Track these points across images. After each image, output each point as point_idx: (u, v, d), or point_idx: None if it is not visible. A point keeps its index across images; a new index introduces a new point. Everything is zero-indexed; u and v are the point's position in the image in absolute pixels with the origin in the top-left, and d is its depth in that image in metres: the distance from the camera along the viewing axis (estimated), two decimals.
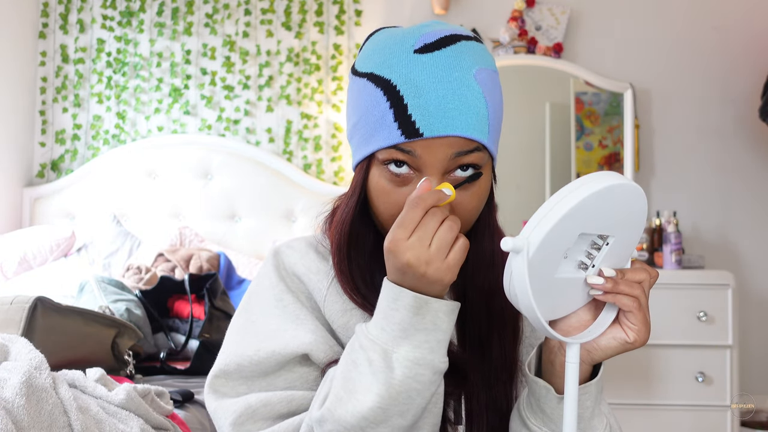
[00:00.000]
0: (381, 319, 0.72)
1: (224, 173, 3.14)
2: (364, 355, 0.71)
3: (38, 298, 1.51)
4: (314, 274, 0.84)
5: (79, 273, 2.59)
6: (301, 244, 0.88)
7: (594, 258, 0.72)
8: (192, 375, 1.88)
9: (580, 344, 0.73)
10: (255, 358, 0.79)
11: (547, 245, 0.66)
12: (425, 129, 0.73)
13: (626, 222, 0.71)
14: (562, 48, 3.11)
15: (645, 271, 0.72)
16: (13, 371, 1.13)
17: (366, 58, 0.80)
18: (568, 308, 0.74)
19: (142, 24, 3.23)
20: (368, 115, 0.77)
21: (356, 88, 0.80)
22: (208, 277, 2.19)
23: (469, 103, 0.74)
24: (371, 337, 0.71)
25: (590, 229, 0.69)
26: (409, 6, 3.20)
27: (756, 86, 3.05)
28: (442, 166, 0.75)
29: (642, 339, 0.72)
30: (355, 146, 0.82)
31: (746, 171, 3.10)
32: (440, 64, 0.75)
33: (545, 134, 3.17)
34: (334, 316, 0.83)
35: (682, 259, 2.79)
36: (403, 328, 0.70)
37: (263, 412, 0.77)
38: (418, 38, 0.77)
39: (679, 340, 2.61)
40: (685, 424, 2.61)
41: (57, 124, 3.27)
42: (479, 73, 0.76)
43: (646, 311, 0.72)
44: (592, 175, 0.69)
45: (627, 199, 0.69)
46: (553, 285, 0.70)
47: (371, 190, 0.80)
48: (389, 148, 0.76)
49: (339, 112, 3.17)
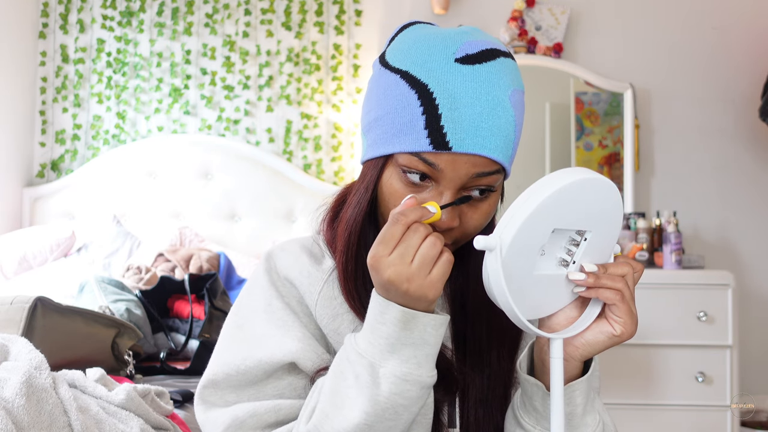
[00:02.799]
0: (369, 333, 0.71)
1: (224, 173, 3.14)
2: (351, 369, 0.71)
3: (38, 298, 1.51)
4: (306, 278, 0.83)
5: (79, 273, 2.58)
6: (295, 247, 0.87)
7: (574, 254, 0.72)
8: (192, 375, 1.88)
9: (567, 340, 0.74)
10: (242, 367, 0.78)
11: (520, 242, 0.67)
12: (455, 143, 0.72)
13: (602, 217, 0.71)
14: (562, 48, 3.11)
15: (628, 265, 0.73)
16: (13, 371, 1.13)
17: (401, 53, 0.78)
18: (554, 306, 0.74)
19: (142, 24, 3.23)
20: (396, 115, 0.75)
21: (385, 82, 0.78)
22: (208, 277, 2.19)
23: (501, 125, 0.74)
24: (359, 350, 0.71)
25: (564, 224, 0.69)
26: (409, 6, 3.20)
27: (756, 86, 3.05)
28: (461, 182, 0.75)
29: (629, 331, 0.72)
30: (371, 140, 0.80)
31: (746, 171, 3.10)
32: (480, 79, 0.73)
33: (545, 134, 3.17)
34: (324, 321, 0.82)
35: (682, 259, 2.79)
36: (390, 343, 0.69)
37: (251, 423, 0.77)
38: (460, 46, 0.75)
39: (679, 340, 2.61)
40: (685, 424, 2.61)
41: (57, 124, 3.27)
42: (513, 94, 0.75)
43: (631, 303, 0.72)
44: (562, 170, 0.69)
45: (598, 194, 0.70)
46: (533, 282, 0.71)
47: (382, 190, 0.79)
48: (412, 156, 0.74)
49: (339, 112, 3.17)
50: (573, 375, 0.75)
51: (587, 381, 0.76)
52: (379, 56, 0.82)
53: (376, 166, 0.79)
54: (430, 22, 0.83)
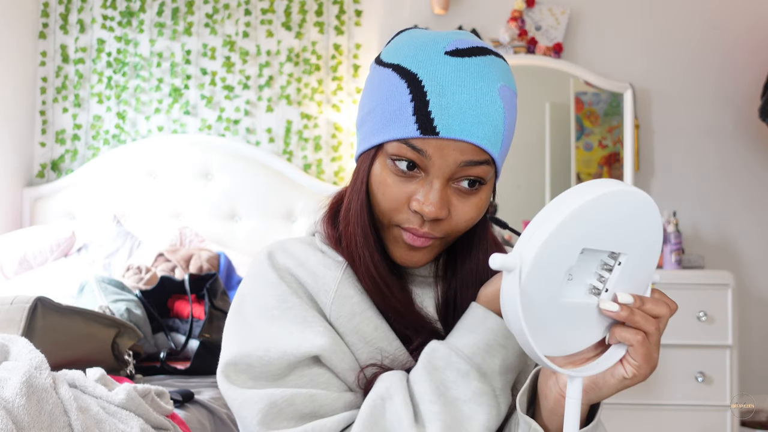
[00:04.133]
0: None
1: (224, 173, 3.14)
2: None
3: (38, 298, 1.51)
4: (320, 277, 0.82)
5: (79, 273, 2.58)
6: (300, 246, 0.86)
7: (606, 281, 0.63)
8: (192, 375, 1.88)
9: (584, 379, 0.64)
10: (265, 358, 0.76)
11: (544, 263, 0.58)
12: (442, 128, 0.73)
13: (638, 237, 0.62)
14: (562, 48, 3.11)
15: (666, 305, 0.65)
16: (14, 371, 1.13)
17: (394, 50, 0.79)
18: (581, 342, 0.64)
19: (143, 24, 3.23)
20: (386, 105, 0.76)
21: (378, 77, 0.79)
22: (208, 277, 2.19)
23: (489, 114, 0.74)
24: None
25: (595, 244, 0.60)
26: (408, 6, 3.20)
27: (756, 86, 3.05)
28: (450, 171, 0.75)
29: (642, 374, 0.64)
30: (363, 134, 0.80)
31: (746, 171, 3.10)
32: (468, 70, 0.74)
33: (545, 134, 3.17)
34: (340, 320, 0.81)
35: (682, 259, 2.79)
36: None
37: (288, 411, 0.75)
38: (451, 42, 0.76)
39: (679, 340, 2.61)
40: (685, 424, 2.61)
41: (57, 124, 3.27)
42: (503, 89, 0.76)
43: (652, 347, 0.64)
44: (592, 181, 0.61)
45: (633, 209, 0.61)
46: (558, 312, 0.62)
47: (372, 181, 0.79)
48: (401, 143, 0.75)
49: (339, 112, 3.18)
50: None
51: (595, 428, 0.70)
52: (375, 58, 0.83)
53: (367, 158, 0.79)
54: (426, 28, 0.84)
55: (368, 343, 0.81)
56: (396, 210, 0.78)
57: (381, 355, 0.80)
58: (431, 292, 0.86)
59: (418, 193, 0.76)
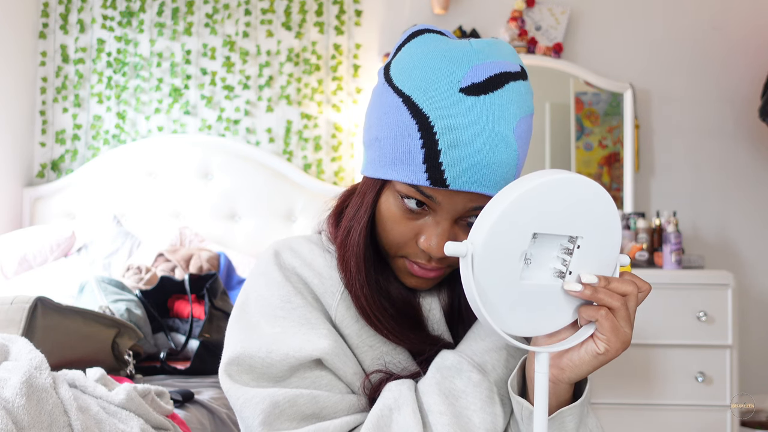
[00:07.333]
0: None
1: (224, 173, 3.14)
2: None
3: (38, 298, 1.51)
4: (327, 278, 0.82)
5: (79, 273, 2.59)
6: (307, 245, 0.85)
7: (568, 264, 0.66)
8: (192, 375, 1.88)
9: (554, 362, 0.69)
10: (267, 359, 0.76)
11: (494, 247, 0.62)
12: (452, 182, 0.71)
13: (593, 222, 0.66)
14: (562, 48, 3.11)
15: (633, 284, 0.67)
16: (14, 371, 1.13)
17: (405, 73, 0.75)
18: (556, 322, 0.68)
19: (143, 24, 3.23)
20: (395, 141, 0.74)
21: (387, 102, 0.76)
22: (208, 277, 2.19)
23: (502, 161, 0.71)
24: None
25: (545, 228, 0.64)
26: (408, 6, 3.20)
27: (756, 86, 3.05)
28: (457, 215, 0.75)
29: (614, 349, 0.66)
30: (371, 158, 0.79)
31: (746, 171, 3.10)
32: (484, 112, 0.71)
33: (545, 134, 3.17)
34: (345, 322, 0.80)
35: (682, 259, 2.79)
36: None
37: (290, 412, 0.75)
38: (467, 72, 0.72)
39: (679, 340, 2.61)
40: (685, 424, 2.61)
41: (57, 124, 3.27)
42: (519, 124, 0.72)
43: (620, 322, 0.66)
44: (539, 171, 0.65)
45: (582, 195, 0.64)
46: (524, 294, 0.65)
47: (380, 212, 0.79)
48: (409, 186, 0.74)
49: (339, 112, 3.17)
50: (564, 399, 0.72)
51: (580, 407, 0.72)
52: (384, 66, 0.80)
53: (375, 187, 0.79)
54: (440, 30, 0.80)
55: (372, 347, 0.80)
56: (404, 244, 0.78)
57: (386, 359, 0.80)
58: (437, 298, 0.86)
59: (426, 232, 0.76)
